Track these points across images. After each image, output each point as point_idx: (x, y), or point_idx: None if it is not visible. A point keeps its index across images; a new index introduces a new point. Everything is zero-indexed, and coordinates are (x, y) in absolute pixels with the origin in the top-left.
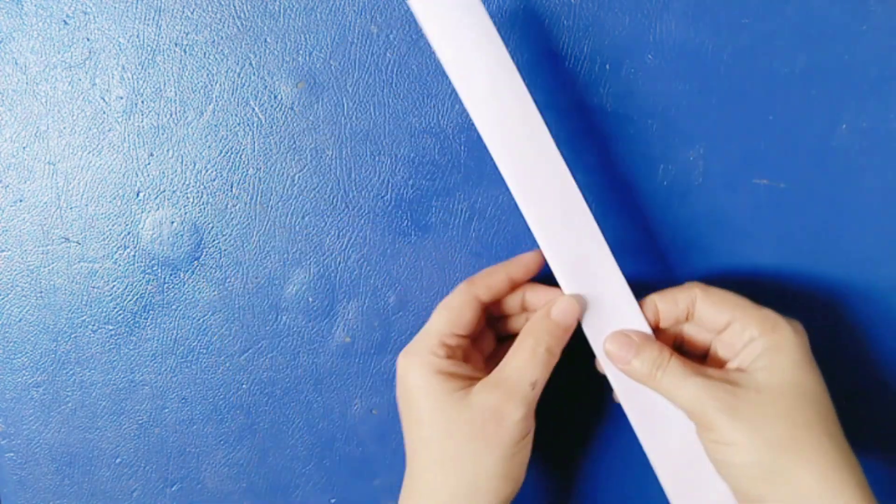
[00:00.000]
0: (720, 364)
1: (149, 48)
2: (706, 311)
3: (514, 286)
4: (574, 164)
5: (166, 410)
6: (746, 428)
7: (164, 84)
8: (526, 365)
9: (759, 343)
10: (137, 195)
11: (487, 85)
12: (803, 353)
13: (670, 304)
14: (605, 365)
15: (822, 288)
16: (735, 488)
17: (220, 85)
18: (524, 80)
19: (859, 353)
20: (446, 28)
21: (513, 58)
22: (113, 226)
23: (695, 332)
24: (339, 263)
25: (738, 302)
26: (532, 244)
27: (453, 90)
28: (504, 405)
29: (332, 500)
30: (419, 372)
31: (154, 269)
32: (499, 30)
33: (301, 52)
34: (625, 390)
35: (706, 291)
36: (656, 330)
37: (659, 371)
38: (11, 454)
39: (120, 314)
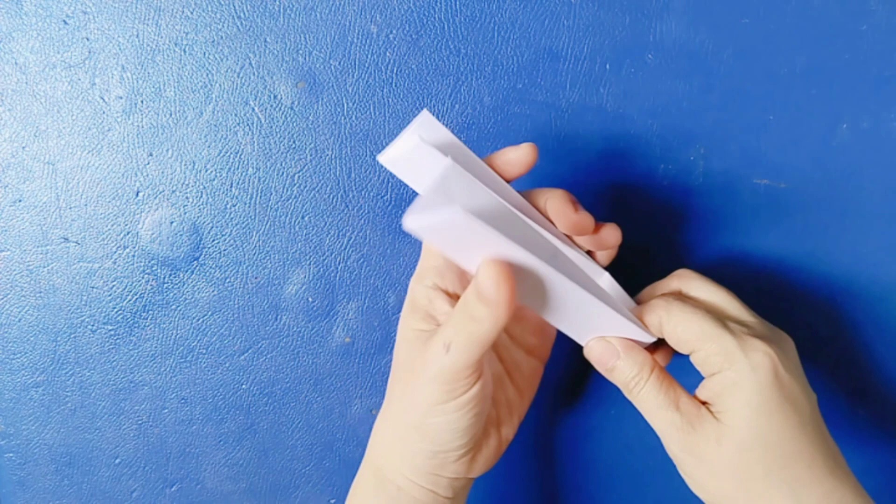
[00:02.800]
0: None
1: (148, 48)
2: (671, 334)
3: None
4: (574, 164)
5: (166, 410)
6: (707, 474)
7: (164, 84)
8: (445, 323)
9: (719, 379)
10: (137, 195)
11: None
12: (761, 391)
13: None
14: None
15: (822, 288)
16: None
17: (220, 85)
18: (522, 84)
19: (860, 353)
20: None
21: (512, 58)
22: (112, 226)
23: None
24: (339, 263)
25: (701, 326)
26: None
27: (453, 90)
28: (422, 360)
29: (332, 501)
30: (408, 296)
31: (153, 269)
32: (499, 30)
33: (301, 52)
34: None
35: (669, 312)
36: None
37: (635, 389)
38: (11, 454)
39: (119, 314)
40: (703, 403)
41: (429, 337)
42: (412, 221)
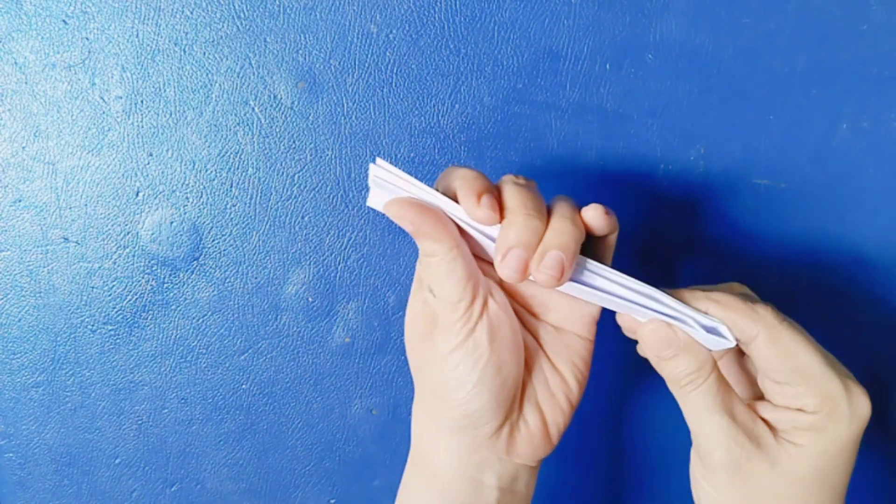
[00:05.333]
0: (753, 391)
1: (148, 48)
2: (764, 358)
3: None
4: (574, 164)
5: (166, 410)
6: (740, 493)
7: (164, 84)
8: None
9: (808, 419)
10: (137, 195)
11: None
12: (847, 443)
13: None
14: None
15: (822, 288)
16: None
17: (220, 85)
18: (524, 83)
19: (859, 353)
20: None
21: (512, 58)
22: (112, 226)
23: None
24: (339, 263)
25: (810, 361)
26: None
27: (453, 90)
28: (426, 319)
29: (332, 501)
30: (415, 278)
31: (153, 269)
32: (499, 30)
33: (301, 51)
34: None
35: (772, 339)
36: None
37: (689, 386)
38: (11, 454)
39: (119, 314)
40: (762, 419)
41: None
42: (369, 200)
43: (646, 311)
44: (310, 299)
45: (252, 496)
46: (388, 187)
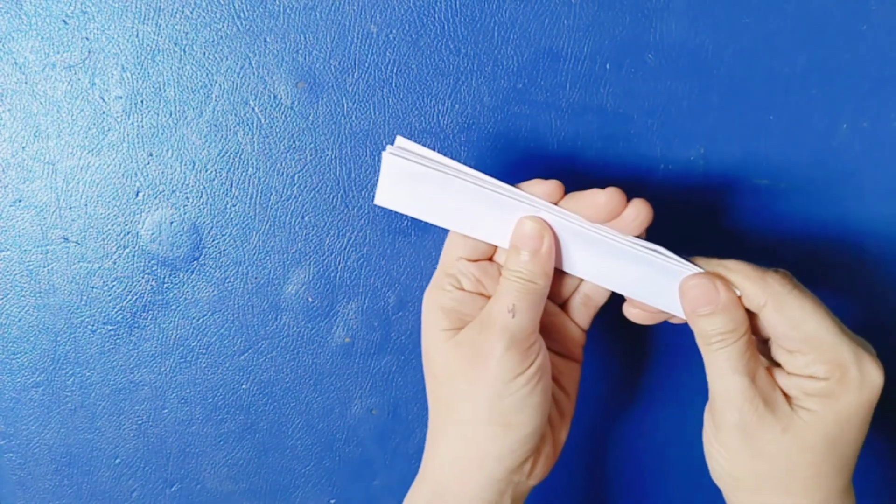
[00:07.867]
0: (766, 355)
1: (148, 48)
2: (773, 326)
3: None
4: (574, 164)
5: (166, 410)
6: (749, 454)
7: (164, 84)
8: (500, 294)
9: (818, 386)
10: (137, 195)
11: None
12: (858, 410)
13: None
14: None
15: (822, 288)
16: (711, 469)
17: (220, 85)
18: (523, 84)
19: None
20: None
21: (512, 58)
22: (112, 226)
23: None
24: (339, 263)
25: (819, 327)
26: None
27: (453, 90)
28: (485, 341)
29: (332, 501)
30: (427, 307)
31: (153, 269)
32: (499, 30)
33: (301, 51)
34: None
35: (778, 308)
36: None
37: (718, 345)
38: (11, 454)
39: (119, 314)
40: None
41: (462, 329)
42: (378, 198)
43: (645, 258)
44: (310, 299)
45: (252, 496)
46: (416, 169)
